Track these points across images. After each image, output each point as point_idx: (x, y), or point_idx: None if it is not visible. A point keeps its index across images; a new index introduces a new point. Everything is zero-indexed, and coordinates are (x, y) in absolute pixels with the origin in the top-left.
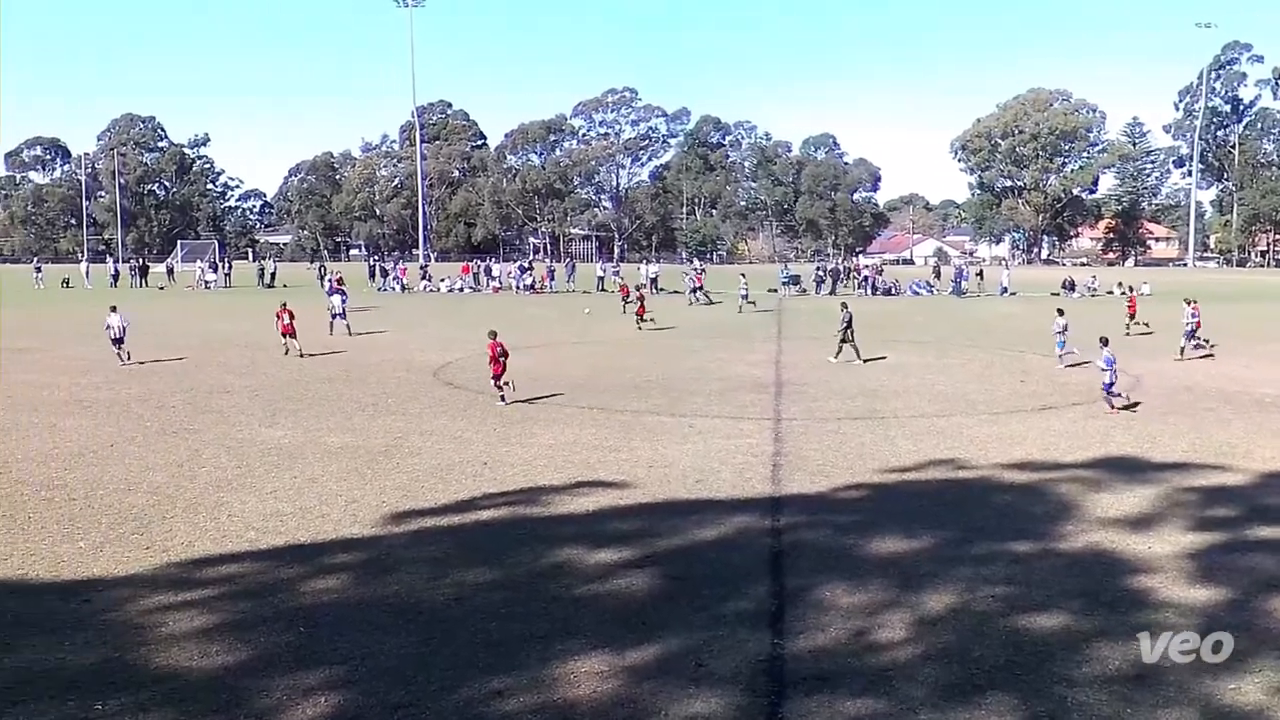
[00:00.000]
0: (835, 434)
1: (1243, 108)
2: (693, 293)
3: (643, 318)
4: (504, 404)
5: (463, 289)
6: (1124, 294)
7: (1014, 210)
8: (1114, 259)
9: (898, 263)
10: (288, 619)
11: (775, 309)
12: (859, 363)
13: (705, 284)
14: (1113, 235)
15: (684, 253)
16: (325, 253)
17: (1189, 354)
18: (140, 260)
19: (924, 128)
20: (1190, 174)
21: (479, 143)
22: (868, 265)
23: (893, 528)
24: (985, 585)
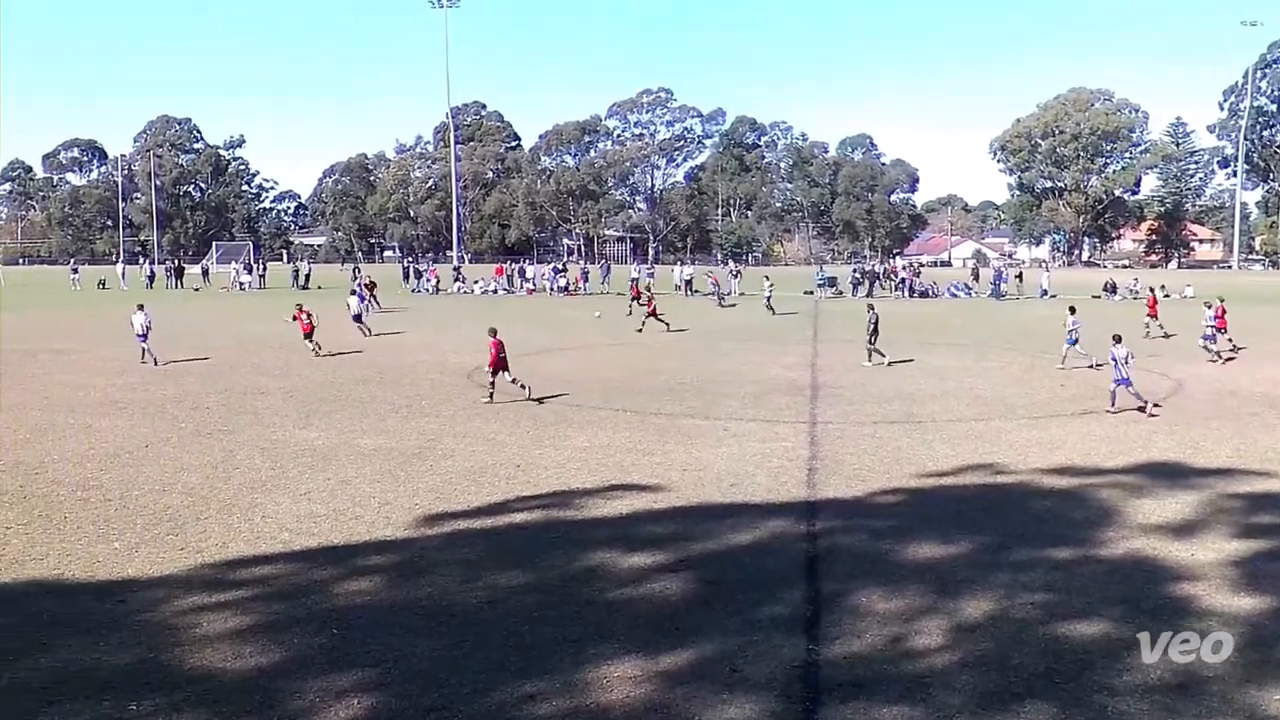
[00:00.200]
0: (872, 438)
1: None
2: (715, 294)
3: (656, 317)
4: (537, 404)
5: (496, 291)
6: (1150, 292)
7: (1054, 212)
8: (1156, 261)
9: (936, 265)
10: (321, 621)
11: (811, 311)
12: (885, 364)
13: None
14: (1155, 237)
15: (718, 254)
16: (359, 254)
17: (1209, 356)
18: (176, 262)
19: (963, 128)
20: (1235, 175)
21: (513, 144)
22: (905, 266)
23: (930, 533)
24: (1024, 592)
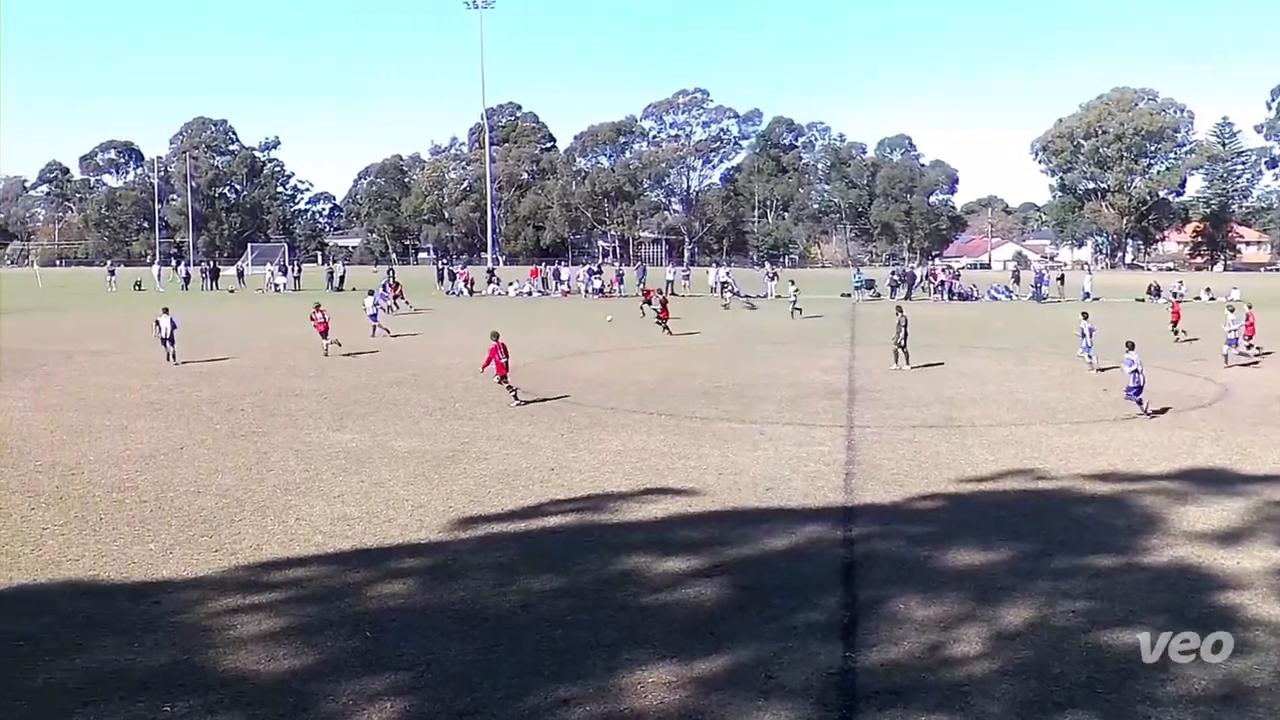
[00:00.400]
0: (910, 442)
1: None
2: (734, 294)
3: (664, 321)
4: (518, 403)
5: (531, 293)
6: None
7: (1097, 213)
8: (1202, 263)
9: (975, 267)
10: (354, 624)
11: (848, 314)
12: (906, 369)
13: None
14: (1201, 239)
15: (754, 256)
16: (394, 256)
17: (1234, 361)
18: (211, 263)
19: (1003, 128)
20: None
21: (548, 145)
22: (945, 269)
23: (969, 539)
24: (1065, 600)
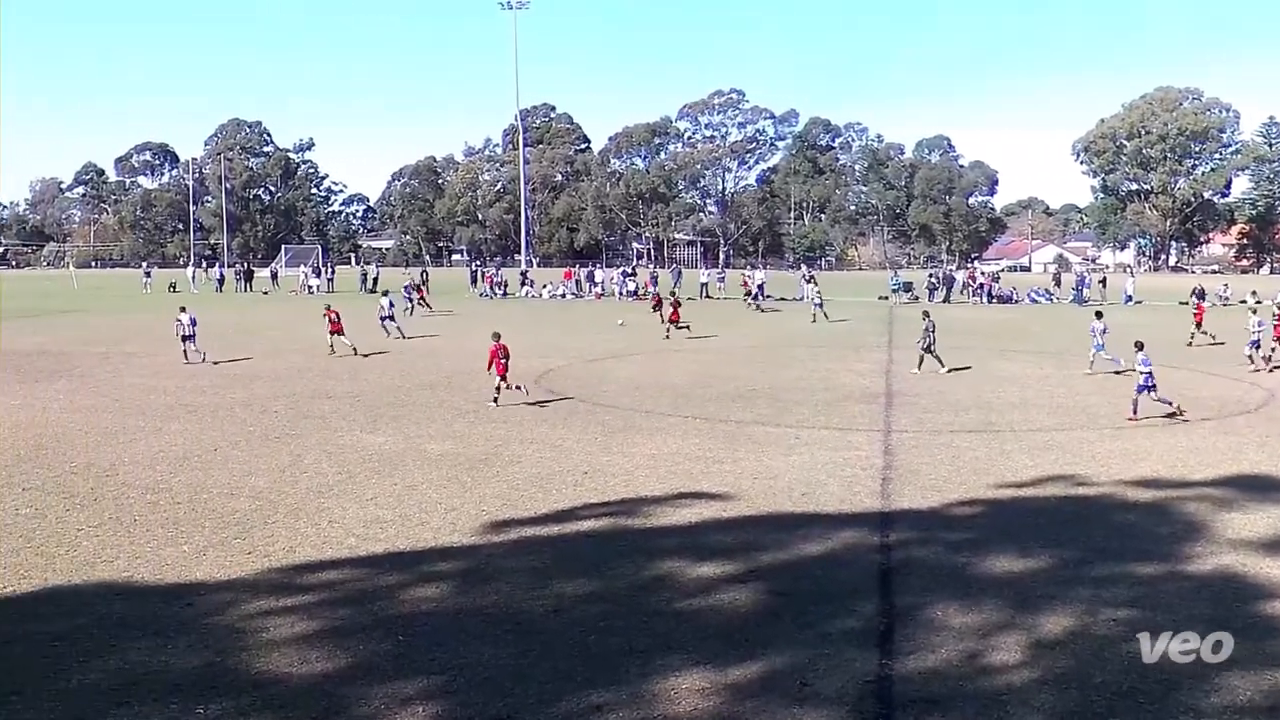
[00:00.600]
0: (948, 447)
1: None
2: (748, 296)
3: (677, 324)
4: (495, 405)
5: (564, 295)
6: (1256, 303)
7: (1140, 215)
8: (1248, 266)
9: (1015, 269)
10: (386, 627)
11: (885, 317)
12: (916, 373)
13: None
14: (1246, 241)
15: (790, 258)
16: (427, 258)
17: (1259, 364)
18: (245, 265)
19: (1044, 128)
20: None
21: (582, 146)
22: (983, 272)
23: (1008, 546)
24: (1106, 608)
